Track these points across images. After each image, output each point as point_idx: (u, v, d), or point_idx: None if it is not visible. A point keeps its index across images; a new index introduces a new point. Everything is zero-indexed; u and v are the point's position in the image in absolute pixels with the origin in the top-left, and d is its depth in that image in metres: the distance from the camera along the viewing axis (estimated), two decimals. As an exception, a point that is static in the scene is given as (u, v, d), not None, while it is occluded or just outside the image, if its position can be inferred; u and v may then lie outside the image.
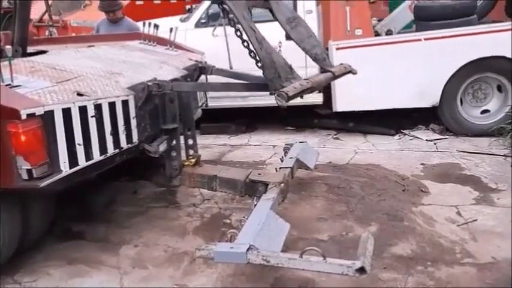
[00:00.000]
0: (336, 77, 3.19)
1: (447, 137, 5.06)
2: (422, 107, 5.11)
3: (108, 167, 2.68)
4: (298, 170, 3.63)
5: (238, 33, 2.71)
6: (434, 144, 4.89)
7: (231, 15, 2.65)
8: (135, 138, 2.79)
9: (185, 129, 3.47)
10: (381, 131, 5.31)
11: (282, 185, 3.00)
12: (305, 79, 2.81)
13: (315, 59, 3.20)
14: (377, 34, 5.49)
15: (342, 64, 3.42)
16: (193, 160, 3.37)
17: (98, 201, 3.63)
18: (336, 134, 5.45)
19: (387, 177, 4.02)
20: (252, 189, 3.11)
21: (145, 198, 3.79)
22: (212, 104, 4.73)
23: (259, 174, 3.19)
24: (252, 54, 2.66)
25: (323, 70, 3.20)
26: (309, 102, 5.50)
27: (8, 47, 2.53)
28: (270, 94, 2.58)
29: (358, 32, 5.02)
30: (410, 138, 5.13)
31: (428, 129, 5.31)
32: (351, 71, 3.41)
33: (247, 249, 2.10)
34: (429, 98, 5.01)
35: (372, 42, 5.04)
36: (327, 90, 5.40)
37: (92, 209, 3.53)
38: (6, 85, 2.31)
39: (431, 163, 4.34)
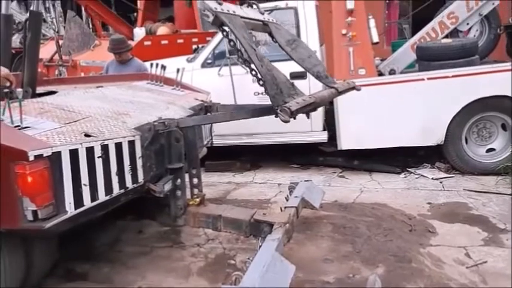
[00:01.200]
0: (340, 92, 3.20)
1: (453, 175, 5.04)
2: (427, 145, 5.12)
3: (113, 207, 2.68)
4: (304, 209, 3.61)
5: (240, 54, 2.78)
6: (441, 182, 4.86)
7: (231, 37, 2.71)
8: (140, 178, 2.80)
9: (190, 168, 3.49)
10: (387, 169, 5.30)
11: (287, 225, 2.97)
12: (308, 95, 2.83)
13: (317, 77, 3.23)
14: (380, 74, 5.57)
15: (345, 81, 3.45)
16: (197, 199, 3.37)
17: (102, 241, 3.61)
18: (341, 172, 5.44)
19: (394, 216, 3.98)
20: (257, 229, 3.08)
21: (150, 238, 3.76)
22: (217, 141, 4.76)
23: (264, 214, 3.17)
24: (254, 72, 2.70)
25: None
26: (314, 140, 5.55)
27: (19, 89, 2.58)
28: (273, 110, 2.53)
29: (362, 71, 5.10)
30: (416, 176, 5.11)
31: (434, 168, 5.29)
32: (354, 87, 3.43)
33: (252, 293, 2.07)
34: (434, 136, 5.02)
35: (376, 81, 5.11)
36: (331, 128, 5.44)
37: (96, 248, 3.50)
38: (16, 126, 2.35)
39: (438, 202, 4.30)
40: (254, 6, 3.28)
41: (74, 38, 8.20)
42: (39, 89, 3.89)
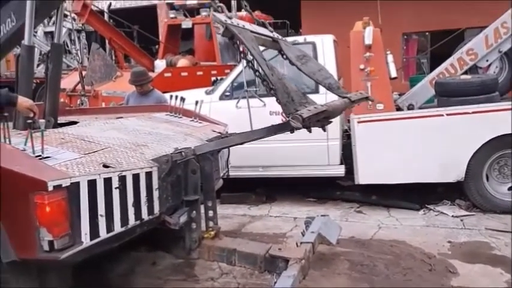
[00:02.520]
0: (353, 102, 3.18)
1: (474, 213, 4.91)
2: (446, 181, 5.03)
3: (128, 238, 2.66)
4: (320, 245, 3.54)
5: (250, 65, 2.88)
6: (461, 220, 4.74)
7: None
8: (156, 209, 2.79)
9: (206, 200, 3.47)
10: (405, 206, 5.20)
11: (303, 261, 2.91)
12: (320, 104, 2.82)
13: (329, 88, 3.23)
14: (398, 108, 5.56)
15: (358, 91, 3.44)
16: (212, 232, 3.33)
17: (117, 271, 3.59)
18: (358, 207, 5.35)
19: (413, 255, 3.88)
20: (272, 265, 3.03)
21: (164, 270, 3.73)
22: (233, 173, 4.76)
23: (279, 249, 3.12)
24: (265, 82, 2.74)
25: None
26: (331, 173, 5.51)
27: (42, 120, 2.64)
28: (289, 125, 2.53)
29: (380, 106, 5.09)
30: (436, 213, 5.00)
31: (454, 205, 5.17)
32: (367, 98, 3.41)
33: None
34: (454, 173, 4.93)
35: (394, 116, 5.09)
36: (348, 162, 5.40)
37: (110, 279, 3.48)
38: (37, 156, 2.39)
39: (458, 241, 4.18)
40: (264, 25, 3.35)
41: (96, 69, 8.43)
42: (61, 119, 3.98)
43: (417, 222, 4.77)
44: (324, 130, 2.96)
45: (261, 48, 2.95)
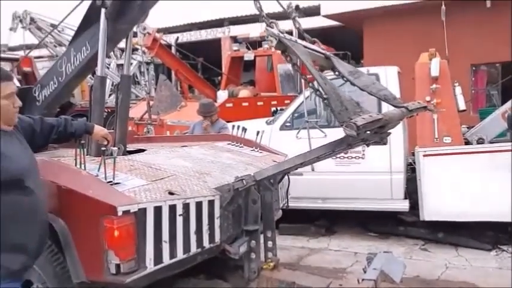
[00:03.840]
0: (410, 111, 3.06)
1: (553, 257, 4.52)
2: (521, 221, 4.68)
3: (189, 265, 2.71)
4: (383, 283, 3.38)
5: (304, 76, 3.04)
6: (539, 264, 4.37)
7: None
8: (217, 238, 2.82)
9: (266, 231, 3.46)
10: (475, 245, 4.89)
11: None
12: (376, 112, 2.76)
13: (384, 100, 3.14)
14: (467, 142, 5.30)
15: (416, 101, 3.33)
16: (271, 264, 3.31)
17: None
18: (423, 245, 5.09)
19: (484, 299, 3.61)
20: None
21: (222, 299, 3.72)
22: (292, 204, 4.72)
23: (340, 285, 3.03)
24: (318, 92, 2.79)
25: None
26: (394, 208, 5.31)
27: (115, 148, 2.78)
28: (341, 125, 2.52)
29: (447, 139, 4.89)
30: (509, 255, 4.64)
31: (530, 247, 4.80)
32: (425, 107, 3.28)
33: None
34: (529, 212, 4.58)
35: (463, 150, 4.86)
36: (413, 196, 5.19)
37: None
38: (108, 182, 2.51)
39: (536, 287, 3.84)
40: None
41: (163, 99, 8.83)
42: (130, 146, 4.17)
43: (489, 263, 4.45)
44: (384, 143, 2.92)
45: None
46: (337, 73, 3.22)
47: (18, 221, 2.04)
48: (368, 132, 2.67)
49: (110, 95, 10.00)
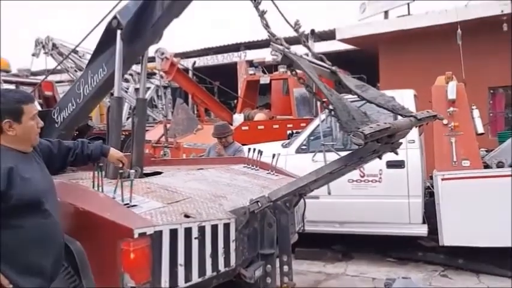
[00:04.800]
0: (419, 120, 3.01)
1: None
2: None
3: (204, 289, 2.68)
4: (401, 310, 3.30)
5: (309, 88, 3.05)
6: None
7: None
8: (232, 261, 2.79)
9: (281, 255, 3.42)
10: (497, 272, 4.75)
11: None
12: (384, 122, 2.74)
13: (392, 110, 3.13)
14: (486, 166, 5.20)
15: (425, 110, 3.31)
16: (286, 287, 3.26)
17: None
18: (443, 271, 4.97)
19: (508, 329, 3.48)
20: None
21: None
22: (309, 228, 4.67)
23: None
24: (324, 104, 2.79)
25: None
26: (412, 233, 5.21)
27: (132, 170, 2.81)
28: (348, 134, 2.57)
29: (466, 163, 4.81)
30: (533, 282, 4.50)
31: (555, 274, 4.63)
32: (435, 116, 3.24)
33: None
34: (553, 238, 4.45)
35: (482, 174, 4.78)
36: (432, 221, 5.09)
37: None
38: (125, 204, 2.53)
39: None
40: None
41: (180, 122, 8.93)
42: (147, 169, 4.21)
43: (512, 291, 4.31)
44: (396, 153, 2.94)
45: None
46: (342, 87, 3.24)
47: (35, 244, 2.06)
48: (377, 142, 2.67)
49: (127, 118, 10.15)
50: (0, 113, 2.07)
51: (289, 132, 8.89)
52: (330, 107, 2.78)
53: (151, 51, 6.86)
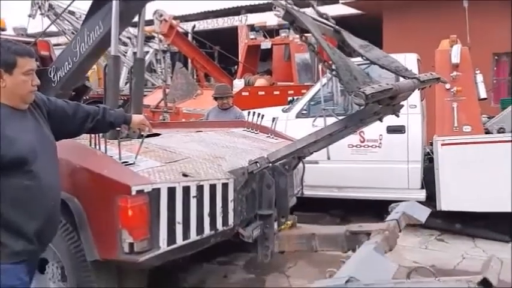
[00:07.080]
0: (422, 82, 2.99)
1: None
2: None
3: (202, 247, 2.71)
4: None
5: (312, 47, 2.98)
6: (560, 257, 4.25)
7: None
8: (231, 221, 2.82)
9: (279, 217, 3.44)
10: (494, 237, 4.78)
11: (387, 232, 2.77)
12: (386, 83, 2.71)
13: (395, 72, 3.10)
14: (487, 132, 5.17)
15: (429, 72, 3.28)
16: (289, 222, 3.31)
17: (189, 281, 3.64)
18: (440, 235, 5.01)
19: (502, 290, 3.53)
20: (355, 241, 2.96)
21: (235, 284, 3.73)
22: (307, 192, 4.68)
23: (360, 225, 3.03)
24: (326, 64, 2.77)
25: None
26: (410, 198, 5.22)
27: (134, 132, 2.78)
28: (349, 94, 2.54)
29: (467, 128, 4.78)
30: (529, 247, 4.55)
31: (551, 239, 4.67)
32: (439, 79, 3.21)
33: (347, 281, 1.97)
34: (550, 203, 4.47)
35: (483, 139, 4.74)
36: (430, 186, 5.10)
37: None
38: (123, 162, 2.52)
39: (557, 279, 3.74)
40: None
41: (179, 87, 8.85)
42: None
43: (507, 255, 4.33)
44: (397, 116, 2.91)
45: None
46: (346, 46, 3.16)
47: (17, 206, 1.94)
48: (379, 103, 2.63)
49: (126, 83, 10.05)
50: None
51: (289, 98, 8.82)
52: (332, 66, 2.71)
53: (149, 13, 6.71)
